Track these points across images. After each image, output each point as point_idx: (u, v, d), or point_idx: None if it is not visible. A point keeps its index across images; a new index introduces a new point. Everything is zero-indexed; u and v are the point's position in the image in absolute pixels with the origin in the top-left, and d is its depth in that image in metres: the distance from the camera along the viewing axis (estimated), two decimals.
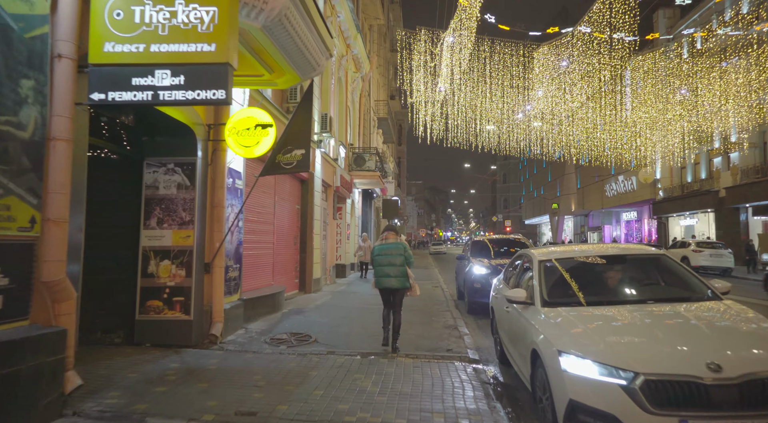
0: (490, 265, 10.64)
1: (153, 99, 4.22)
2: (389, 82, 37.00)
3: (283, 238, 11.52)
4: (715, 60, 24.81)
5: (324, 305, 10.87)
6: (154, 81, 4.23)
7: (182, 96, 4.23)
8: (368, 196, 24.55)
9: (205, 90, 4.25)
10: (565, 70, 25.52)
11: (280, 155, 7.11)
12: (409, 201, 74.55)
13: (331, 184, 15.63)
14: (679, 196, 32.00)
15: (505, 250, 12.00)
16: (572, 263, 5.11)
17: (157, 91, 4.22)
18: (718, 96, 24.62)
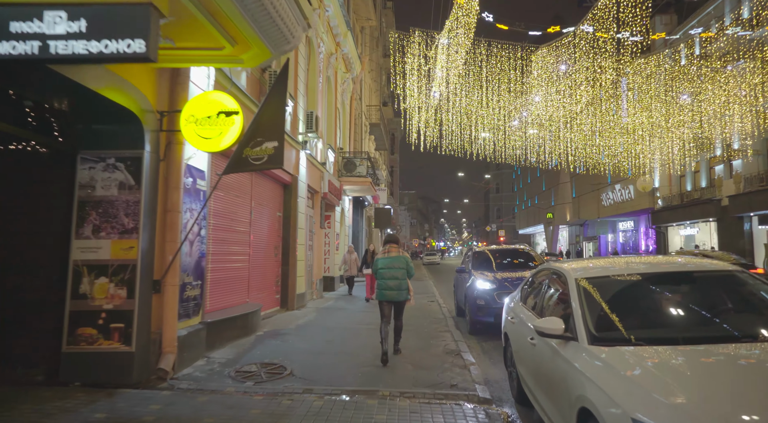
0: (495, 279, 9.37)
1: (41, 53, 2.95)
2: (382, 88, 35.94)
3: (262, 248, 10.19)
4: (716, 64, 23.92)
5: (306, 325, 9.52)
6: (42, 27, 2.95)
7: (83, 48, 2.96)
8: (359, 205, 23.27)
9: (116, 39, 2.97)
10: (565, 73, 24.53)
11: (248, 149, 5.83)
12: (401, 211, 73.37)
13: (318, 190, 14.34)
14: (679, 205, 31.00)
15: (509, 261, 10.78)
16: (622, 284, 3.83)
17: (47, 41, 2.95)
18: (721, 101, 23.71)
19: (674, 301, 3.64)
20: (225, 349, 7.12)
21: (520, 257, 10.89)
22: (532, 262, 10.67)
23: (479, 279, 9.42)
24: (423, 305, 12.58)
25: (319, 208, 14.60)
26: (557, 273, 4.40)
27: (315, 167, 13.75)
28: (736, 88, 23.24)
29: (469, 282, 9.75)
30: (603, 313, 3.52)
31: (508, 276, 9.48)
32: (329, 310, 11.88)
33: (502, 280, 9.26)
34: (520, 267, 10.38)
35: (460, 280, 11.01)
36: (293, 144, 11.39)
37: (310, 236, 13.87)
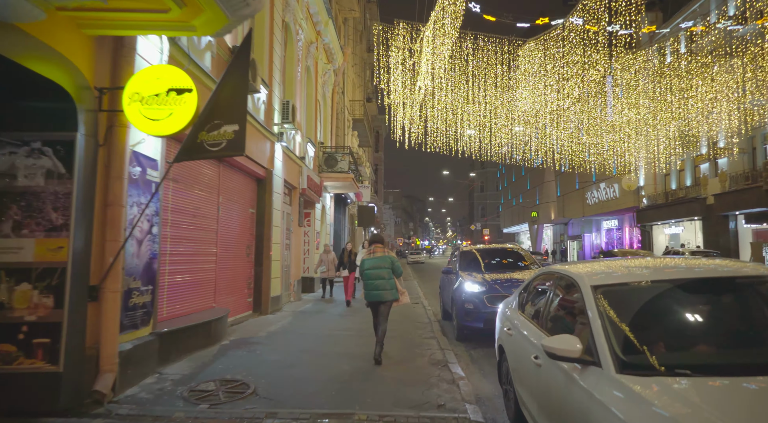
0: (484, 281, 8.65)
1: None
2: (366, 84, 35.13)
3: (231, 248, 9.33)
4: (703, 60, 23.60)
5: (280, 332, 8.68)
6: None
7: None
8: (341, 202, 22.44)
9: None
10: (552, 68, 23.98)
11: (203, 133, 5.00)
12: (386, 209, 72.66)
13: (297, 185, 13.49)
14: (664, 204, 30.77)
15: (498, 261, 10.07)
16: (650, 292, 3.10)
17: None
18: (707, 98, 23.40)
19: (717, 314, 2.93)
20: (182, 363, 6.26)
21: (509, 257, 10.19)
22: (522, 261, 9.99)
23: (467, 281, 8.69)
24: (407, 307, 11.82)
25: (298, 205, 13.75)
26: (565, 278, 3.66)
27: (293, 161, 12.90)
28: (722, 85, 22.96)
29: (457, 284, 9.02)
30: (632, 331, 2.78)
31: (498, 278, 8.77)
32: (307, 314, 11.05)
33: (492, 282, 8.54)
34: (510, 267, 9.69)
35: (446, 281, 10.28)
36: (267, 135, 10.54)
37: (287, 235, 13.02)
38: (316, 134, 16.33)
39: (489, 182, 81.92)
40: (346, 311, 11.45)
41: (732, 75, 22.54)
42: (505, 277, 8.83)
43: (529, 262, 9.76)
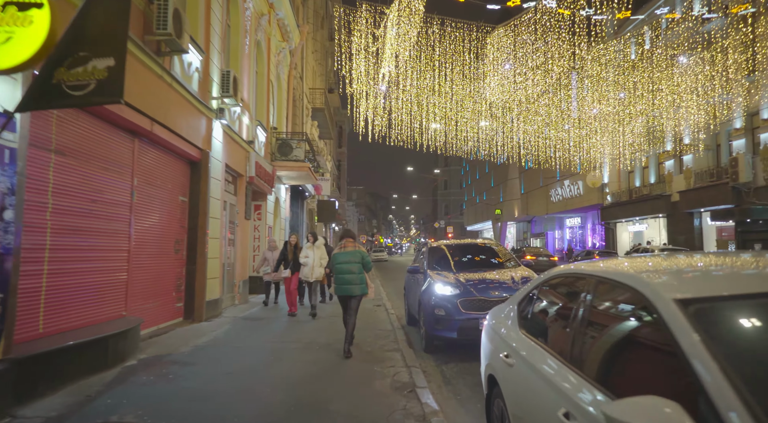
0: (458, 282, 7.27)
1: None
2: (327, 74, 33.47)
3: (152, 243, 7.62)
4: (672, 52, 23.13)
5: (208, 346, 7.05)
6: None
7: None
8: (299, 195, 20.76)
9: None
10: (520, 56, 23.00)
11: (62, 70, 3.38)
12: (349, 206, 71.05)
13: (243, 173, 11.81)
14: (629, 201, 30.46)
15: (470, 259, 8.72)
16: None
17: None
18: (674, 94, 22.95)
19: None
20: (55, 398, 4.58)
21: (482, 253, 8.85)
22: (495, 258, 8.67)
23: (437, 282, 7.30)
24: (368, 311, 10.37)
25: (245, 195, 12.06)
26: (610, 283, 2.27)
27: (237, 145, 11.21)
28: (691, 80, 22.54)
29: (425, 286, 7.62)
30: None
31: (473, 278, 7.42)
32: (251, 321, 9.40)
33: (467, 283, 7.18)
34: (484, 266, 8.35)
35: (412, 282, 8.87)
36: (202, 110, 8.85)
37: (231, 228, 11.33)
38: (268, 118, 14.64)
39: (453, 180, 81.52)
40: (296, 318, 9.88)
41: (701, 68, 22.12)
42: (479, 277, 7.50)
43: (504, 259, 8.46)
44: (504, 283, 7.15)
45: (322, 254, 9.74)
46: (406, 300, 9.98)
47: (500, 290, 6.95)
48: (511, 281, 7.21)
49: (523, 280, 7.25)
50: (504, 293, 6.88)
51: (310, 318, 9.60)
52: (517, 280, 7.23)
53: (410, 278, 9.08)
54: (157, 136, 7.26)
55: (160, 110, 7.24)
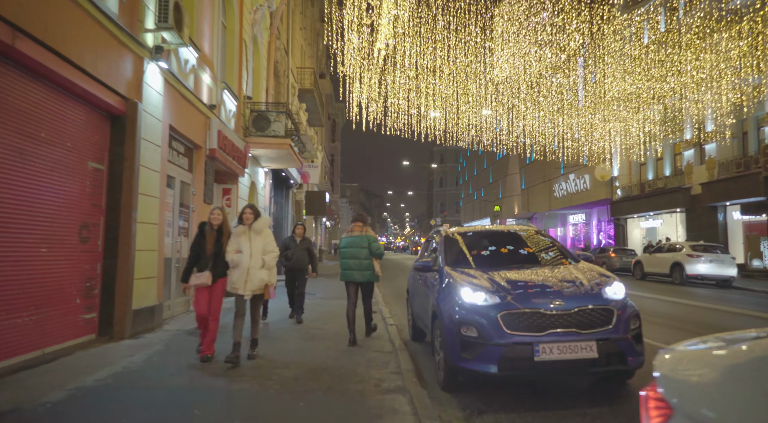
0: (494, 284, 4.68)
1: None
2: (318, 58, 30.87)
3: (34, 226, 5.01)
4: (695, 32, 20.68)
5: (103, 388, 4.34)
6: None
7: None
8: (283, 183, 18.14)
9: None
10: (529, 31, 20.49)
11: None
12: (343, 203, 68.44)
13: (201, 144, 9.20)
14: (642, 195, 28.03)
15: (509, 253, 6.01)
16: None
17: None
18: (697, 76, 20.49)
19: None
20: None
21: (522, 244, 6.14)
22: (543, 251, 6.00)
23: (464, 285, 4.71)
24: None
25: (204, 173, 9.45)
26: None
27: (191, 106, 8.60)
28: (714, 60, 20.11)
29: (443, 290, 5.04)
30: None
31: (517, 279, 4.86)
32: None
33: (510, 287, 4.62)
34: (528, 261, 5.71)
35: (420, 284, 6.28)
36: (127, 42, 6.24)
37: (183, 214, 8.72)
38: (241, 84, 12.02)
39: (448, 177, 79.17)
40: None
41: (729, 46, 19.66)
42: (525, 277, 4.93)
43: (557, 253, 5.86)
44: (567, 287, 4.60)
45: (268, 244, 5.41)
46: (410, 306, 7.41)
47: (562, 298, 4.40)
48: (577, 283, 4.67)
49: (597, 282, 4.71)
50: (569, 302, 4.35)
51: (246, 368, 5.16)
52: (585, 283, 4.68)
53: (417, 278, 6.51)
54: (31, 59, 4.64)
55: (39, 22, 4.64)
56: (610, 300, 4.44)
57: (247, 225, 5.39)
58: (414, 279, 6.89)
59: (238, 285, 5.29)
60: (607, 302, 4.41)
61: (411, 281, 7.25)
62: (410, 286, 7.31)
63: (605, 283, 4.68)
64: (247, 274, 5.25)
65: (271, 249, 5.40)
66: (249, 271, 5.25)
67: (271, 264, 5.40)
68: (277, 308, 8.96)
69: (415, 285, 6.69)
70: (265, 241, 5.40)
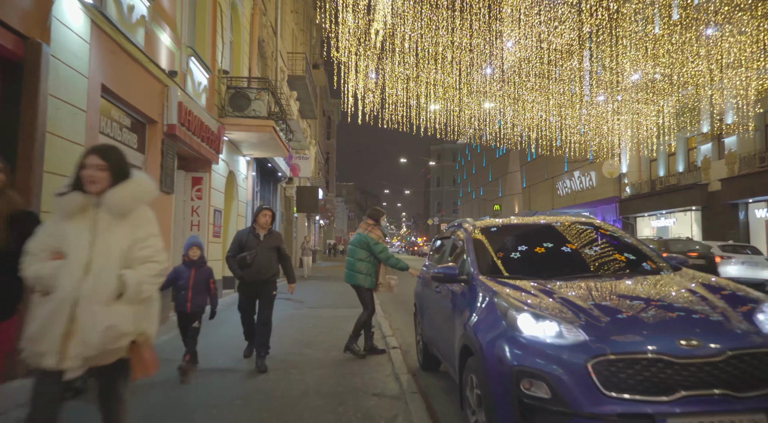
0: (570, 306, 2.84)
1: None
2: (312, 46, 29.04)
3: None
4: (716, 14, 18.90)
5: None
6: None
7: None
8: (270, 176, 16.25)
9: None
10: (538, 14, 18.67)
11: None
12: (339, 202, 66.51)
13: (156, 117, 7.31)
14: (653, 192, 26.31)
15: (572, 256, 3.84)
16: None
17: None
18: (716, 63, 18.70)
19: None
20: None
21: (585, 243, 4.16)
22: (629, 252, 3.93)
23: (521, 308, 2.82)
24: (342, 340, 5.89)
25: (161, 155, 7.55)
26: None
27: (139, 66, 6.71)
28: (739, 46, 18.35)
29: (482, 310, 3.15)
30: None
31: (610, 297, 2.99)
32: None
33: (603, 311, 2.74)
34: (604, 268, 3.69)
35: (436, 298, 4.40)
36: None
37: None
38: (215, 55, 10.14)
39: (445, 176, 77.49)
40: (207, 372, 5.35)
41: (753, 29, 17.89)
42: (622, 295, 3.06)
43: (649, 257, 3.86)
44: (697, 312, 2.74)
45: (145, 244, 2.41)
46: (419, 325, 5.55)
47: (696, 333, 2.54)
48: (711, 307, 2.80)
49: (742, 304, 2.85)
50: (711, 340, 2.49)
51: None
52: (724, 306, 2.82)
53: (432, 289, 4.64)
54: None
55: None
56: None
57: (92, 192, 2.31)
58: (425, 290, 5.02)
59: (44, 346, 2.12)
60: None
61: (420, 293, 5.39)
62: (419, 299, 5.44)
63: (755, 306, 2.82)
64: (74, 315, 2.14)
65: (149, 256, 2.37)
66: (80, 306, 2.15)
67: (145, 292, 2.32)
68: (224, 342, 6.20)
69: (428, 299, 4.82)
70: (136, 236, 2.38)
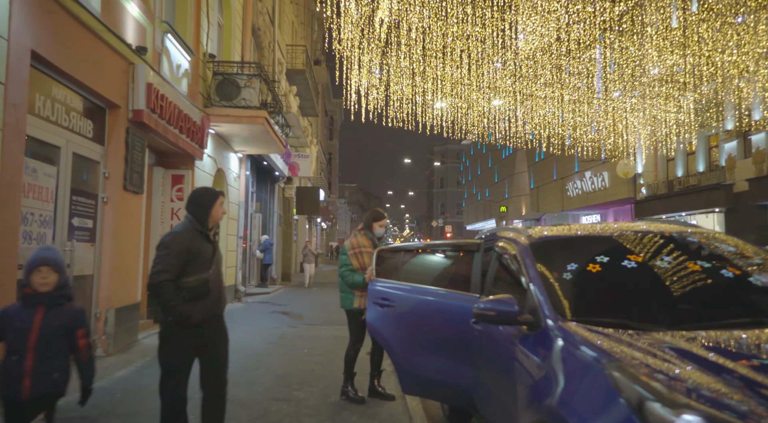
0: (755, 394, 1.53)
1: None
2: (314, 42, 27.82)
3: None
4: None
5: None
6: None
7: None
8: (266, 176, 14.95)
9: None
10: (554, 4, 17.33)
11: None
12: (341, 204, 65.30)
13: (119, 101, 6.01)
14: (672, 193, 24.92)
15: (706, 288, 2.41)
16: None
17: None
18: (745, 54, 17.29)
19: None
20: None
21: (726, 267, 2.60)
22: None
23: (691, 417, 1.50)
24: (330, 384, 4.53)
25: (125, 147, 6.24)
26: None
27: (92, 35, 5.41)
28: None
29: (576, 382, 1.84)
30: None
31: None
32: None
33: None
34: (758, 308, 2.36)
35: (478, 343, 3.08)
36: None
37: (77, 207, 5.52)
38: (199, 37, 8.85)
39: (449, 177, 76.13)
40: None
41: None
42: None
43: None
44: None
45: None
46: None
47: None
48: None
49: None
50: None
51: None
52: None
53: (470, 327, 3.29)
54: None
55: None
56: None
57: None
58: (470, 336, 3.66)
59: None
60: None
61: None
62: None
63: None
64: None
65: None
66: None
67: None
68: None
69: (464, 340, 3.47)
70: None
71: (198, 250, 2.90)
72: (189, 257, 2.84)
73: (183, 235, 2.89)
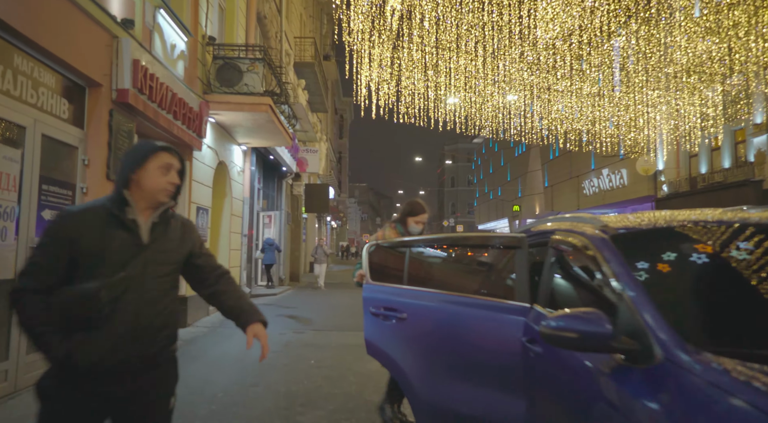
0: None
1: None
2: (322, 37, 27.12)
3: None
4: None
5: None
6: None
7: None
8: (273, 172, 14.24)
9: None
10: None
11: None
12: (351, 203, 64.69)
13: (99, 79, 5.30)
14: (696, 191, 23.84)
15: None
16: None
17: None
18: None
19: None
20: None
21: None
22: None
23: None
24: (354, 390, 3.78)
25: (108, 131, 5.52)
26: None
27: (69, 3, 4.71)
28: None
29: None
30: None
31: None
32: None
33: None
34: None
35: (547, 383, 2.31)
36: None
37: (47, 198, 4.81)
38: (197, 17, 8.14)
39: (460, 177, 75.11)
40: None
41: None
42: None
43: None
44: None
45: None
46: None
47: None
48: None
49: None
50: None
51: None
52: None
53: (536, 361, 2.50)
54: None
55: None
56: None
57: None
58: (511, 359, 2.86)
59: None
60: None
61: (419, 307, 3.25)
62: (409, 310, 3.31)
63: None
64: None
65: None
66: None
67: None
68: None
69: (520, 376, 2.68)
70: None
71: (97, 242, 1.66)
72: (78, 254, 1.64)
73: (75, 217, 1.70)
